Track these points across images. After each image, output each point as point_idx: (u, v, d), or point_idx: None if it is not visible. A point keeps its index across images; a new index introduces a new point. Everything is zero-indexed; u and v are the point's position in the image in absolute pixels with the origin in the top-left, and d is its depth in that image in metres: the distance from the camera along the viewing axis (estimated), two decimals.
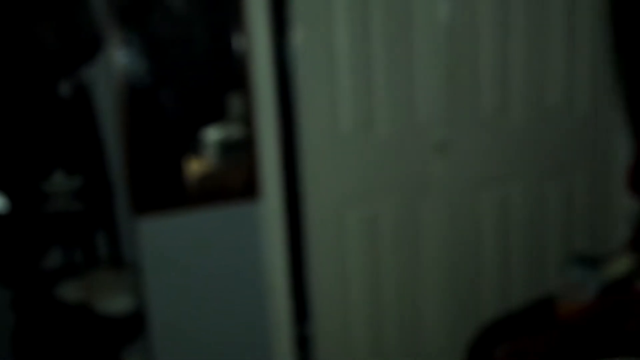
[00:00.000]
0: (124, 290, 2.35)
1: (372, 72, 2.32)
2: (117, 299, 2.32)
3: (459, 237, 2.56)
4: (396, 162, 2.43)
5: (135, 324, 2.31)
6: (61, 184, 2.35)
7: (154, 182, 2.13)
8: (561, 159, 2.67)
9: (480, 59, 2.44)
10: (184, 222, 2.20)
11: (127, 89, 2.03)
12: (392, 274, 2.50)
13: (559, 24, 2.53)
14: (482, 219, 2.59)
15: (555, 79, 2.57)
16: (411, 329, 2.58)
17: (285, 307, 2.37)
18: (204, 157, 2.19)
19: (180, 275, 2.23)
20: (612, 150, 2.72)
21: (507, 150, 2.57)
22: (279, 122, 2.26)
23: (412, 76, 2.38)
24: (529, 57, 2.50)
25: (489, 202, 2.58)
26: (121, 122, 2.05)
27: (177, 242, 2.21)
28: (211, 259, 2.26)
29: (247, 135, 2.19)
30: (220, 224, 2.25)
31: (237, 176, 2.24)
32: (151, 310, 2.19)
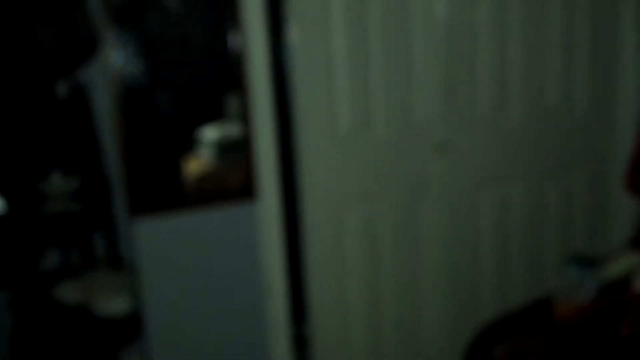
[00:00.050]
0: (122, 291, 2.35)
1: (369, 71, 2.31)
2: (115, 300, 2.32)
3: (458, 237, 2.56)
4: (395, 162, 2.42)
5: (133, 325, 2.31)
6: (59, 184, 2.35)
7: (151, 183, 2.12)
8: (560, 159, 2.66)
9: (478, 58, 2.43)
10: (181, 223, 2.19)
11: (122, 89, 2.03)
12: (391, 274, 2.50)
13: (557, 23, 2.52)
14: (482, 219, 2.58)
15: (554, 79, 2.56)
16: (410, 330, 2.57)
17: (283, 307, 2.37)
18: (201, 157, 2.19)
19: (177, 276, 2.23)
20: (611, 150, 2.71)
21: (506, 150, 2.56)
22: (276, 122, 2.26)
23: (411, 76, 2.37)
24: (528, 56, 2.49)
25: (488, 202, 2.57)
26: (117, 122, 2.05)
27: (175, 243, 2.21)
28: (209, 260, 2.26)
29: (244, 135, 2.18)
30: (217, 224, 2.25)
31: (234, 177, 2.24)
32: (149, 311, 2.19)
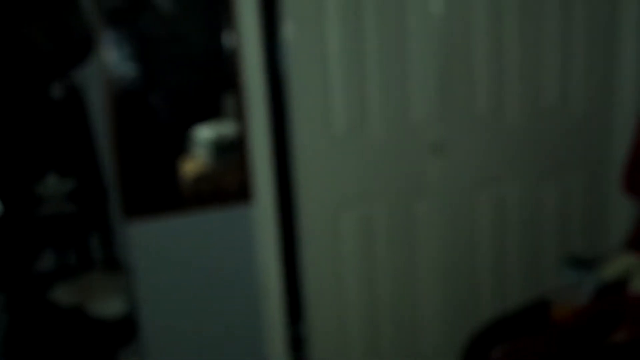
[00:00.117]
0: (118, 292, 2.33)
1: (365, 70, 2.31)
2: (110, 301, 2.31)
3: (456, 238, 2.55)
4: (391, 162, 2.42)
5: (129, 326, 2.30)
6: (54, 186, 2.33)
7: (145, 185, 2.12)
8: (558, 160, 2.65)
9: (475, 57, 2.43)
10: (177, 224, 2.19)
11: (116, 90, 2.02)
12: (388, 275, 2.49)
13: (555, 22, 2.51)
14: (479, 219, 2.58)
15: (551, 79, 2.56)
16: (407, 330, 2.57)
17: (279, 308, 2.37)
18: (198, 157, 2.18)
19: (173, 277, 2.23)
20: (609, 150, 2.70)
21: (503, 150, 2.55)
22: (271, 122, 2.25)
23: (407, 75, 2.36)
24: (525, 56, 2.49)
25: (486, 203, 2.57)
26: (111, 123, 2.04)
27: (170, 245, 2.21)
28: (205, 261, 2.26)
29: (239, 136, 2.17)
30: (213, 225, 2.24)
31: (231, 177, 2.23)
32: (144, 312, 2.19)
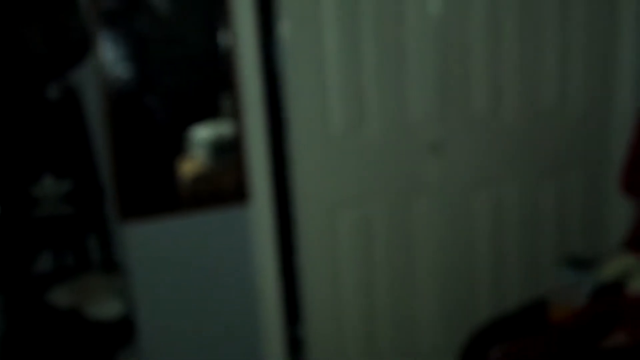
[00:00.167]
0: (116, 294, 2.33)
1: (362, 70, 2.30)
2: (108, 303, 2.31)
3: (454, 238, 2.55)
4: (389, 162, 2.41)
5: (126, 328, 2.30)
6: (51, 187, 2.32)
7: (142, 187, 2.11)
8: (556, 160, 2.65)
9: (473, 57, 2.43)
10: (174, 225, 2.19)
11: (112, 92, 2.02)
12: (386, 276, 2.49)
13: (553, 22, 2.50)
14: (477, 219, 2.57)
15: (549, 79, 2.56)
16: (405, 331, 2.57)
17: (276, 309, 2.36)
18: (196, 158, 2.17)
19: (171, 279, 2.22)
20: (607, 150, 2.69)
21: (501, 150, 2.55)
22: (268, 122, 2.24)
23: (404, 75, 2.36)
24: (523, 56, 2.49)
25: (484, 203, 2.56)
26: (107, 125, 2.04)
27: (167, 246, 2.20)
28: (202, 262, 2.25)
29: (235, 136, 2.17)
30: (210, 226, 2.24)
31: (228, 178, 2.22)
32: (142, 314, 2.19)
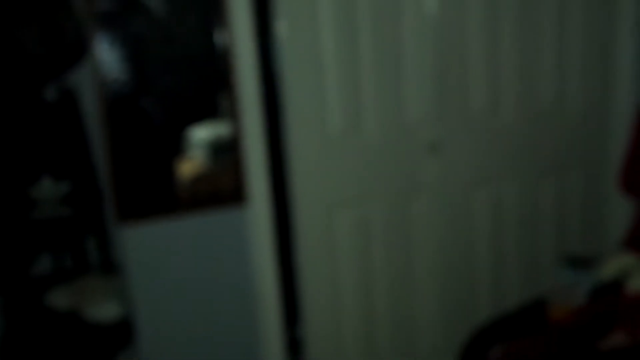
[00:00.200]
0: (114, 296, 2.33)
1: (360, 70, 2.30)
2: (107, 305, 2.30)
3: (453, 238, 2.55)
4: (387, 162, 2.41)
5: (125, 330, 2.29)
6: (49, 189, 2.32)
7: (140, 189, 2.11)
8: (555, 159, 2.65)
9: (471, 56, 2.43)
10: (172, 227, 2.18)
11: (110, 93, 2.01)
12: (385, 276, 2.48)
13: (551, 21, 2.50)
14: (476, 219, 2.57)
15: (548, 78, 2.55)
16: (405, 331, 2.56)
17: (275, 310, 2.36)
18: (195, 159, 2.17)
19: (169, 280, 2.22)
20: (606, 149, 2.69)
21: (500, 150, 2.55)
22: (265, 122, 2.24)
23: (402, 75, 2.36)
24: (521, 55, 2.49)
25: (483, 203, 2.56)
26: (104, 127, 2.03)
27: (166, 248, 2.20)
28: (200, 264, 2.25)
29: (233, 137, 2.16)
30: (208, 228, 2.24)
31: (226, 179, 2.22)
32: (141, 316, 2.18)
